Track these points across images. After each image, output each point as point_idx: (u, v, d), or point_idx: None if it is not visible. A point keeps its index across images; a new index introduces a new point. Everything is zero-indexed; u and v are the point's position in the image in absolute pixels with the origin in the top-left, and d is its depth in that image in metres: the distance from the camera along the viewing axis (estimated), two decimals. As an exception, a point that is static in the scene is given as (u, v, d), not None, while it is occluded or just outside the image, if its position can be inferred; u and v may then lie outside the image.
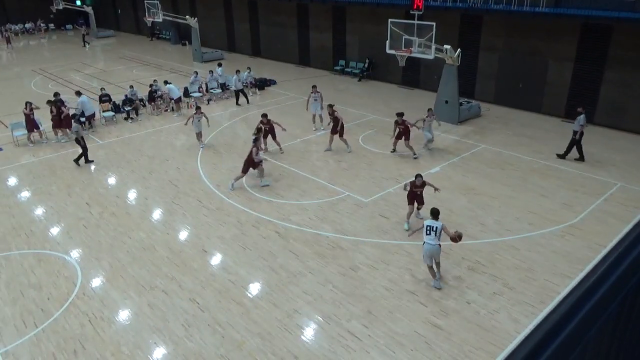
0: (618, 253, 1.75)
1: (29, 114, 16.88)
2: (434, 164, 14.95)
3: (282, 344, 7.90)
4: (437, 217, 9.00)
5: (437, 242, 8.86)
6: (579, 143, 14.77)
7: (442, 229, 8.85)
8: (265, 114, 15.81)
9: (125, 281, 9.65)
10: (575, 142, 14.79)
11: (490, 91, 21.52)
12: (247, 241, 10.97)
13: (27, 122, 17.03)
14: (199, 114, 16.20)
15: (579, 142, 14.74)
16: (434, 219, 8.96)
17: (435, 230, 8.82)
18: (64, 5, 42.67)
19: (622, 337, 1.93)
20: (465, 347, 7.74)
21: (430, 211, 9.16)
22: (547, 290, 9.06)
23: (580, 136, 14.64)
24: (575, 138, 14.74)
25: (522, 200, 12.62)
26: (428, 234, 8.86)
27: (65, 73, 29.45)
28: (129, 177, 14.67)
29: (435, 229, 8.82)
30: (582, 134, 14.61)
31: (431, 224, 8.88)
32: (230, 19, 34.91)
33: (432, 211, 9.12)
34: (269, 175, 14.29)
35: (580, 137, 14.64)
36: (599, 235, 10.82)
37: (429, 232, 8.85)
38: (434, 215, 9.02)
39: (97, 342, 8.05)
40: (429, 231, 8.86)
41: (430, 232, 8.84)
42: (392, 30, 17.71)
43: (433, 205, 9.55)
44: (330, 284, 9.38)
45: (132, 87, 20.63)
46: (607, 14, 16.59)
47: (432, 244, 8.82)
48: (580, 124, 14.49)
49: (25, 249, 10.92)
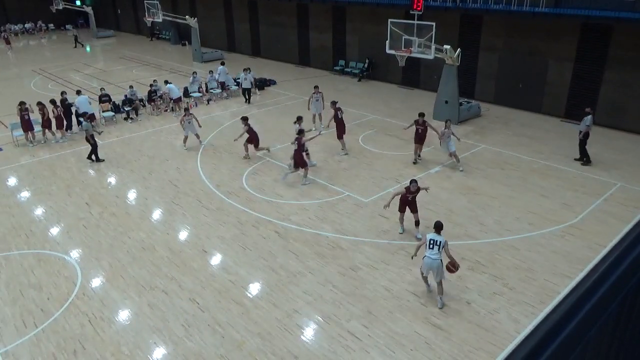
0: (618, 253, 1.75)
1: (23, 115, 16.75)
2: (434, 164, 14.95)
3: (282, 344, 7.90)
4: (440, 232, 8.69)
5: (438, 256, 8.52)
6: (583, 144, 14.68)
7: (444, 246, 8.54)
8: (245, 117, 15.38)
9: (125, 281, 9.65)
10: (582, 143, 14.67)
11: (490, 91, 21.52)
12: (247, 241, 10.97)
13: (22, 123, 16.93)
14: (189, 116, 16.13)
15: (584, 143, 14.65)
16: (437, 233, 8.65)
17: (438, 245, 8.51)
18: (64, 5, 42.66)
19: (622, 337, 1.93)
20: (465, 347, 7.74)
21: (434, 225, 8.82)
22: (547, 290, 9.06)
23: (585, 137, 14.49)
24: (580, 139, 14.61)
25: (522, 200, 12.62)
26: (431, 248, 8.54)
27: (65, 73, 29.45)
28: (129, 177, 14.67)
29: (438, 243, 8.52)
30: (587, 135, 14.44)
31: (434, 238, 8.56)
32: (230, 19, 34.91)
33: (436, 225, 8.78)
34: (268, 175, 14.31)
35: (585, 137, 14.50)
36: (599, 235, 10.82)
37: (432, 246, 8.54)
38: (437, 229, 8.70)
39: (97, 342, 8.05)
40: (431, 245, 8.54)
41: (433, 246, 8.53)
42: (392, 30, 17.71)
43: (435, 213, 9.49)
44: (330, 284, 9.38)
45: (132, 87, 20.64)
46: (607, 14, 16.59)
47: (433, 258, 8.50)
48: (587, 125, 14.32)
49: (25, 249, 10.92)
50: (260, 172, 14.69)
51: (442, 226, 8.79)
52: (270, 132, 18.13)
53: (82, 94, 18.87)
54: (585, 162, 14.67)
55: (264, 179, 14.14)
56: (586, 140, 14.58)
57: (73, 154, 16.62)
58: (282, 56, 31.17)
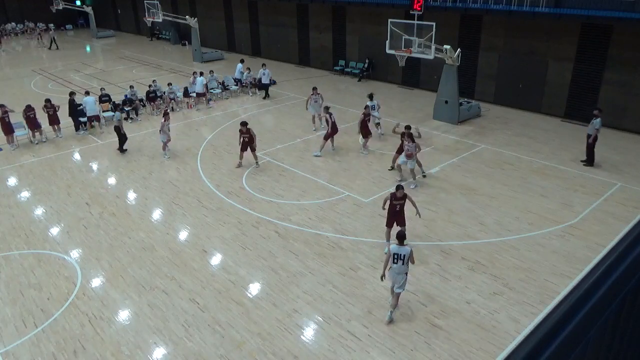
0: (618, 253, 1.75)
1: (3, 117, 16.52)
2: (434, 164, 14.95)
3: (282, 344, 7.90)
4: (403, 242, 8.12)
5: (405, 269, 8.07)
6: (592, 147, 14.56)
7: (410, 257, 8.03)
8: (244, 122, 14.69)
9: (125, 281, 9.65)
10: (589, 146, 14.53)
11: (490, 91, 21.52)
12: (247, 241, 10.97)
13: (2, 125, 16.64)
14: (168, 121, 15.51)
15: (592, 146, 14.52)
16: (400, 244, 8.04)
17: (402, 259, 7.98)
18: (64, 5, 42.65)
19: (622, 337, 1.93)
20: (465, 347, 7.74)
21: (397, 235, 8.16)
22: (547, 290, 9.06)
23: (594, 140, 14.37)
24: (589, 142, 14.47)
25: (522, 200, 12.62)
26: (395, 262, 8.00)
27: (65, 73, 29.45)
28: (129, 177, 14.67)
29: (402, 256, 7.98)
30: (596, 138, 14.33)
31: (398, 252, 7.99)
32: (230, 19, 34.91)
33: (398, 235, 8.14)
34: (268, 175, 14.31)
35: (594, 141, 14.38)
36: (599, 235, 10.82)
37: (396, 261, 7.99)
38: (400, 239, 8.07)
39: (97, 342, 8.05)
40: (395, 259, 7.99)
41: (397, 260, 7.98)
42: (392, 30, 17.71)
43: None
44: (330, 284, 9.38)
45: (132, 87, 20.63)
46: (607, 14, 16.60)
47: (397, 272, 8.07)
48: (596, 128, 14.21)
49: (25, 249, 10.92)
50: (260, 172, 14.69)
51: (405, 236, 8.23)
52: (271, 132, 18.14)
53: (89, 95, 18.95)
54: (587, 163, 14.65)
55: (264, 179, 14.14)
56: (594, 143, 14.44)
57: (72, 154, 16.63)
58: (282, 56, 31.18)
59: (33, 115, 17.08)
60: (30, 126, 17.20)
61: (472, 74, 21.74)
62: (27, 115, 16.98)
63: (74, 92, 18.99)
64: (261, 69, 22.72)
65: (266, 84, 22.70)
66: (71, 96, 18.37)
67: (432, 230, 11.25)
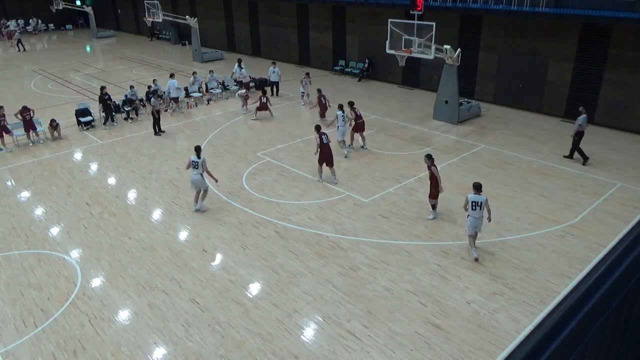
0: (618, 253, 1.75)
1: (25, 116, 16.79)
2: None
3: (282, 344, 7.90)
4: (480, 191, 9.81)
5: (481, 214, 9.75)
6: (577, 144, 14.71)
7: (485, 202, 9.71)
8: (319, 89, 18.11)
9: (125, 281, 9.65)
10: (574, 142, 14.76)
11: (490, 91, 21.52)
12: (247, 241, 10.97)
13: (24, 123, 16.93)
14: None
15: (578, 143, 14.68)
16: (477, 194, 9.74)
17: (480, 205, 9.69)
18: (64, 5, 42.64)
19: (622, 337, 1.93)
20: (465, 347, 7.74)
21: (473, 185, 9.93)
22: (547, 290, 9.06)
23: (578, 136, 14.56)
24: (573, 138, 14.72)
25: (522, 200, 12.62)
26: (473, 209, 9.71)
27: (65, 73, 29.45)
28: (129, 177, 14.67)
29: (479, 203, 9.68)
30: (579, 134, 14.52)
31: (476, 200, 9.68)
32: (230, 19, 34.92)
33: (475, 185, 9.88)
34: (268, 175, 14.30)
35: (578, 137, 14.56)
36: (599, 235, 10.82)
37: (474, 207, 9.71)
38: (477, 189, 9.78)
39: (97, 342, 8.05)
40: (474, 206, 9.71)
41: (476, 207, 9.70)
42: (392, 30, 17.71)
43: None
44: (330, 284, 9.38)
45: (133, 87, 20.63)
46: (607, 14, 16.60)
47: (476, 217, 9.75)
48: (579, 124, 14.43)
49: (25, 249, 10.92)
50: (260, 172, 14.69)
51: (481, 186, 9.91)
52: (271, 132, 18.14)
53: (173, 78, 20.55)
54: (585, 162, 14.68)
55: (264, 179, 14.14)
56: (580, 140, 14.64)
57: (73, 154, 16.63)
58: (282, 56, 31.17)
59: (29, 116, 17.05)
60: (27, 127, 17.16)
61: (472, 74, 21.74)
62: (23, 117, 16.95)
63: (105, 87, 19.26)
64: (271, 67, 22.95)
65: (275, 81, 22.97)
66: (102, 90, 18.80)
67: (432, 230, 11.25)
